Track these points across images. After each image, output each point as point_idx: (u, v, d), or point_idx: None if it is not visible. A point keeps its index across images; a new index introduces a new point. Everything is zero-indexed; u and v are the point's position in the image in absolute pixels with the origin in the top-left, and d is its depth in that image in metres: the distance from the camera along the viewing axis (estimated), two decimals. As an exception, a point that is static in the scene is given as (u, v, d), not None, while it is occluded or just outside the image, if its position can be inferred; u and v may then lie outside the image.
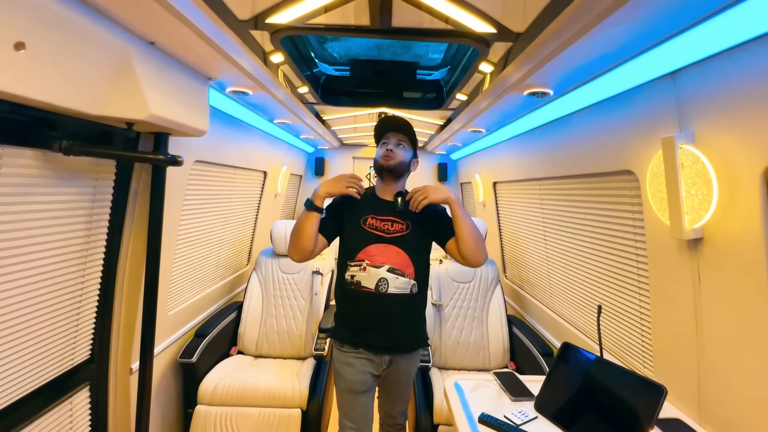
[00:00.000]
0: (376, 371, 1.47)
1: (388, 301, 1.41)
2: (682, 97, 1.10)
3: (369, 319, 1.44)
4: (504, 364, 2.24)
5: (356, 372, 1.44)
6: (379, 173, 1.53)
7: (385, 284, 1.40)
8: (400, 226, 1.46)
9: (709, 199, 1.01)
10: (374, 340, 1.44)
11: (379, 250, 1.42)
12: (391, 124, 1.52)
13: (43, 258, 1.16)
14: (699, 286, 1.12)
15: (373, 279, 1.40)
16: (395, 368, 1.50)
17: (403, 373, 1.54)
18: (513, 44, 1.26)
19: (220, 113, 1.96)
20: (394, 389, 1.58)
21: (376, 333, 1.43)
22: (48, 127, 1.07)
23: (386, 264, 1.41)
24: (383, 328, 1.43)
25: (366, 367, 1.45)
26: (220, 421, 1.86)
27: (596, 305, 1.43)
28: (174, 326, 1.94)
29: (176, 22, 1.02)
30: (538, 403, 1.30)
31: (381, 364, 1.47)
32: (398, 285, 1.41)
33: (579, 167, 1.75)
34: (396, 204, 1.48)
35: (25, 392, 1.17)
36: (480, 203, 3.49)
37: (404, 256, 1.43)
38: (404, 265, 1.43)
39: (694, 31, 0.93)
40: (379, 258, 1.42)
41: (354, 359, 1.45)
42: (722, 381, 1.07)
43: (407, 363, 1.54)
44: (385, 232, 1.45)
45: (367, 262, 1.41)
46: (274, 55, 1.45)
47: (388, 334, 1.44)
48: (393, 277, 1.41)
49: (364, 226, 1.46)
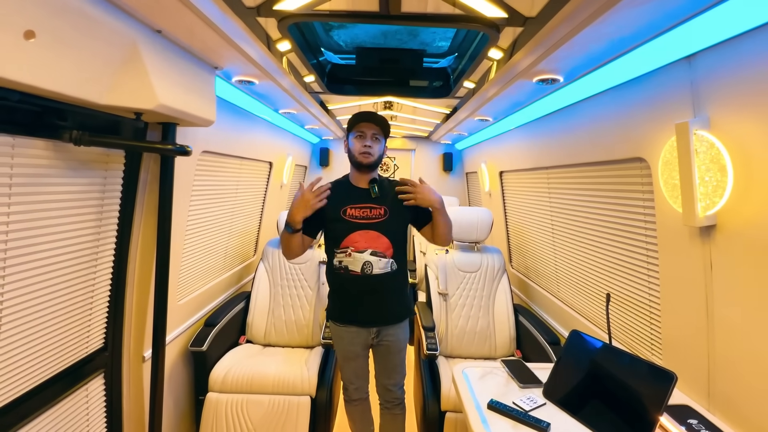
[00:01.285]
0: (365, 341, 1.67)
1: (374, 281, 1.57)
2: (697, 82, 1.08)
3: (358, 298, 1.61)
4: (510, 352, 2.26)
5: (346, 343, 1.68)
6: (358, 168, 1.63)
7: (369, 267, 1.56)
8: (378, 212, 1.59)
9: (723, 185, 1.00)
10: (363, 316, 1.64)
11: (361, 236, 1.56)
12: (367, 116, 1.59)
13: (56, 248, 1.17)
14: (711, 273, 1.12)
15: (358, 263, 1.55)
16: (385, 337, 1.67)
17: (393, 343, 1.69)
18: (523, 29, 1.23)
19: (226, 103, 1.96)
20: (387, 359, 1.72)
21: (365, 310, 1.62)
22: (58, 118, 1.07)
23: (369, 248, 1.56)
24: (371, 304, 1.62)
25: (355, 338, 1.66)
26: (231, 408, 1.89)
27: (604, 294, 1.43)
28: (184, 315, 1.97)
29: (183, 8, 1.01)
30: (546, 390, 1.31)
31: (369, 334, 1.66)
32: (381, 266, 1.57)
33: (588, 155, 1.73)
34: (372, 191, 1.60)
35: (42, 379, 1.19)
36: (486, 193, 3.47)
37: (384, 239, 1.57)
38: (384, 248, 1.58)
39: (712, 12, 0.90)
40: (362, 243, 1.56)
41: (345, 333, 1.67)
42: (733, 368, 1.07)
43: (395, 331, 1.68)
44: (364, 218, 1.58)
45: (351, 248, 1.56)
46: (280, 43, 1.44)
47: (376, 309, 1.63)
48: (376, 260, 1.56)
49: (345, 216, 1.58)
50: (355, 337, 1.66)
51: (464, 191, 4.56)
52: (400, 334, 1.70)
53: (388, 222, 1.58)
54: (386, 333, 1.67)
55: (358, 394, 1.81)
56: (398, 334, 1.69)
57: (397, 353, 1.72)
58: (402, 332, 1.71)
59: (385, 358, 1.73)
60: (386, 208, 1.59)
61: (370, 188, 1.60)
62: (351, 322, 1.65)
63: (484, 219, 2.45)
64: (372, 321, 1.64)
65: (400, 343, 1.71)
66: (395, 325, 1.68)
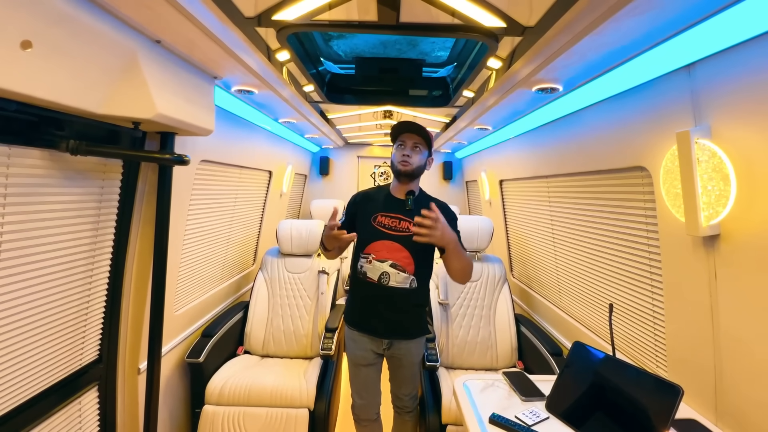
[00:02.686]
0: (377, 350, 1.65)
1: (389, 292, 1.55)
2: (697, 91, 1.08)
3: (371, 305, 1.60)
4: (512, 363, 2.22)
5: (358, 348, 1.65)
6: (397, 176, 1.61)
7: (386, 278, 1.54)
8: (406, 224, 1.55)
9: (726, 194, 0.99)
10: (375, 324, 1.62)
11: (385, 246, 1.55)
12: (408, 126, 1.56)
13: (51, 258, 1.16)
14: (715, 283, 1.10)
15: (377, 272, 1.55)
16: (396, 350, 1.65)
17: (405, 356, 1.66)
18: (522, 39, 1.24)
19: (225, 113, 1.96)
20: (398, 371, 1.71)
21: (377, 319, 1.60)
22: (55, 127, 1.06)
23: (389, 260, 1.54)
24: (383, 315, 1.59)
25: (368, 345, 1.64)
26: (227, 421, 1.85)
27: (607, 304, 1.41)
28: (181, 326, 1.94)
29: (182, 19, 1.01)
30: (549, 403, 1.28)
31: (381, 344, 1.64)
32: (398, 280, 1.54)
33: (589, 164, 1.72)
34: (407, 202, 1.56)
35: (34, 392, 1.17)
36: (486, 201, 3.46)
37: (406, 253, 1.54)
38: (406, 263, 1.55)
39: (711, 21, 0.90)
40: (383, 253, 1.55)
41: (358, 336, 1.65)
42: (741, 381, 1.04)
43: (407, 346, 1.65)
44: (392, 229, 1.56)
45: (372, 256, 1.56)
46: (279, 53, 1.44)
47: (387, 321, 1.60)
48: (395, 272, 1.54)
49: (374, 223, 1.58)
50: (367, 342, 1.64)
51: (464, 200, 4.56)
52: (413, 348, 1.67)
53: (410, 237, 1.44)
54: (398, 346, 1.64)
55: (366, 414, 1.73)
56: (411, 348, 1.66)
57: (408, 367, 1.68)
58: (415, 347, 1.68)
59: (396, 369, 1.71)
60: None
61: (406, 199, 1.57)
62: (363, 330, 1.64)
63: (484, 228, 2.43)
64: (383, 333, 1.62)
65: (413, 357, 1.68)
66: (407, 339, 1.65)
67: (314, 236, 2.49)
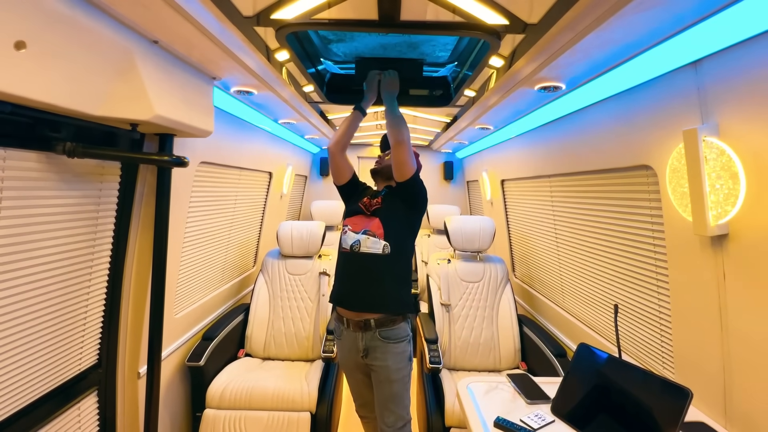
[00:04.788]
0: (357, 352, 1.56)
1: (361, 259, 1.55)
2: (704, 88, 1.06)
3: (347, 276, 1.59)
4: (515, 364, 2.20)
5: (343, 348, 1.64)
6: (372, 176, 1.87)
7: (357, 244, 1.58)
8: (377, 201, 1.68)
9: (735, 193, 0.97)
10: (352, 298, 1.56)
11: (360, 219, 1.65)
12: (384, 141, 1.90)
13: (49, 262, 1.14)
14: (724, 284, 1.08)
15: (350, 241, 1.60)
16: (372, 359, 1.53)
17: (381, 369, 1.51)
18: (524, 36, 1.22)
19: (224, 114, 1.94)
20: (379, 388, 1.55)
21: (349, 290, 1.57)
22: (51, 129, 1.05)
23: (363, 228, 1.61)
24: (358, 285, 1.55)
25: (350, 344, 1.58)
26: (228, 425, 1.83)
27: (612, 305, 1.39)
28: (181, 329, 1.93)
29: (179, 18, 0.99)
30: (555, 406, 1.26)
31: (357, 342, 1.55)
32: (369, 244, 1.56)
33: (592, 163, 1.70)
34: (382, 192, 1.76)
35: (33, 398, 1.15)
36: (487, 201, 3.44)
37: (375, 220, 1.62)
38: (375, 228, 1.60)
39: (718, 17, 0.88)
40: (358, 225, 1.63)
41: (344, 332, 1.61)
42: (751, 383, 1.02)
43: (383, 353, 1.51)
44: (368, 207, 1.68)
45: (349, 227, 1.64)
46: (279, 53, 1.42)
47: (363, 292, 1.54)
48: (365, 238, 1.58)
49: (358, 203, 1.72)
50: (349, 343, 1.58)
51: (465, 200, 4.54)
52: (388, 357, 1.50)
53: (383, 208, 1.64)
54: (374, 355, 1.52)
55: (364, 412, 1.79)
56: (387, 357, 1.50)
57: (387, 383, 1.51)
58: (394, 358, 1.51)
59: (376, 386, 1.56)
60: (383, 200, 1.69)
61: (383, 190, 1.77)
62: (339, 303, 1.60)
63: (486, 228, 2.42)
64: (359, 305, 1.53)
65: (392, 373, 1.50)
66: (383, 343, 1.51)
67: (315, 238, 2.47)
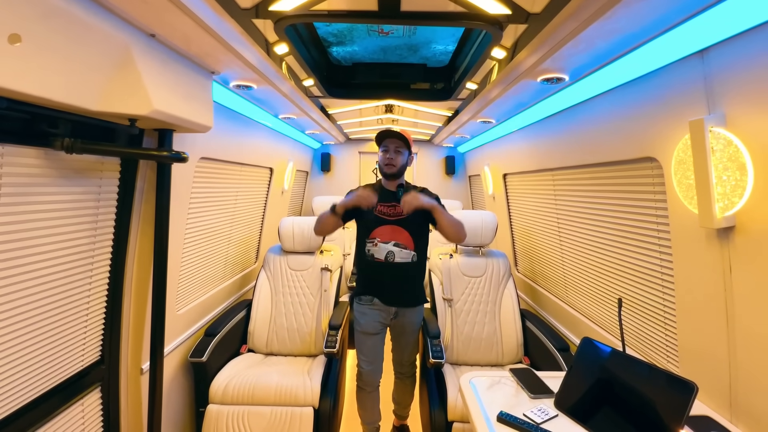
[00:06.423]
0: (384, 320, 1.93)
1: (395, 268, 1.86)
2: (711, 77, 1.04)
3: (381, 281, 1.90)
4: (518, 359, 2.20)
5: (368, 319, 1.92)
6: (385, 177, 1.94)
7: (392, 256, 1.85)
8: (400, 210, 1.82)
9: (743, 184, 0.95)
10: (385, 296, 1.90)
11: (386, 230, 1.86)
12: (389, 133, 1.89)
13: (49, 259, 1.14)
14: (730, 276, 1.06)
15: (383, 252, 1.85)
16: (401, 319, 1.95)
17: (408, 324, 1.97)
18: (527, 26, 1.20)
19: (224, 109, 1.93)
20: (402, 338, 2.01)
21: (387, 291, 1.90)
22: (49, 125, 1.04)
23: (392, 240, 1.85)
24: (391, 287, 1.90)
25: (377, 317, 1.92)
26: (232, 420, 1.84)
27: (616, 299, 1.38)
28: (183, 325, 1.93)
29: (177, 11, 0.98)
30: (558, 401, 1.26)
31: (389, 314, 1.93)
32: (402, 256, 1.86)
33: (596, 156, 1.68)
34: (398, 194, 1.88)
35: (36, 394, 1.16)
36: (489, 196, 3.43)
37: (405, 233, 1.86)
38: (405, 240, 1.86)
39: (726, 4, 0.86)
40: (387, 236, 1.86)
41: (368, 309, 1.92)
42: (757, 377, 1.01)
43: (410, 314, 1.96)
44: (390, 216, 1.87)
45: (378, 239, 1.86)
46: (278, 46, 1.41)
47: (395, 292, 1.90)
48: (398, 250, 1.85)
49: (375, 212, 1.88)
50: (376, 315, 1.91)
51: (467, 194, 4.52)
52: (414, 317, 1.97)
53: (405, 220, 1.83)
54: (403, 314, 1.93)
55: (371, 381, 1.96)
56: (413, 316, 1.97)
57: (410, 333, 1.99)
58: (417, 315, 2.00)
59: (400, 336, 2.00)
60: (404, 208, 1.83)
61: (397, 191, 1.90)
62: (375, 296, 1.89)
63: (488, 222, 2.40)
64: (392, 302, 1.90)
65: (414, 326, 1.99)
66: (411, 308, 1.94)
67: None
